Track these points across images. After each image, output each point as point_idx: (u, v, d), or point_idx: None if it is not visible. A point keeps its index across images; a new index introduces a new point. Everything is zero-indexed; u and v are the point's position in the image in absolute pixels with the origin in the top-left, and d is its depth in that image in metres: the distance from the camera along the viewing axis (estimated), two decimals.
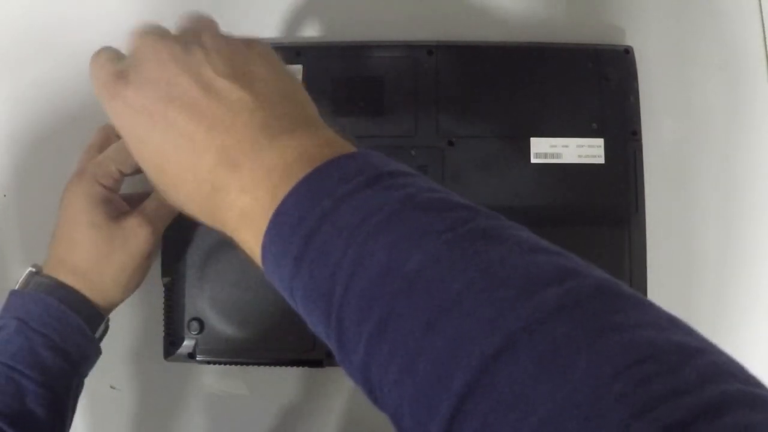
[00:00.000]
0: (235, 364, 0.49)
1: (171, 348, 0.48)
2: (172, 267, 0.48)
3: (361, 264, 0.25)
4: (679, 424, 0.18)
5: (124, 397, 0.52)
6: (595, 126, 0.49)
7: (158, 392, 0.52)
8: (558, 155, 0.49)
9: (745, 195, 0.53)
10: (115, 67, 0.34)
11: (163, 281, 0.49)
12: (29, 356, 0.40)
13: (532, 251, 0.24)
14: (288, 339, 0.48)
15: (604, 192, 0.49)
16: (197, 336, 0.48)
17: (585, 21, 0.54)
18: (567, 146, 0.49)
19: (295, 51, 0.50)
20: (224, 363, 0.49)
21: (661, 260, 0.50)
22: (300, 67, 0.50)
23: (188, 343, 0.48)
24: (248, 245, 0.30)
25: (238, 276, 0.48)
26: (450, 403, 0.22)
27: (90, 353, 0.43)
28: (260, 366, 0.49)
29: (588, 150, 0.49)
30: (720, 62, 0.54)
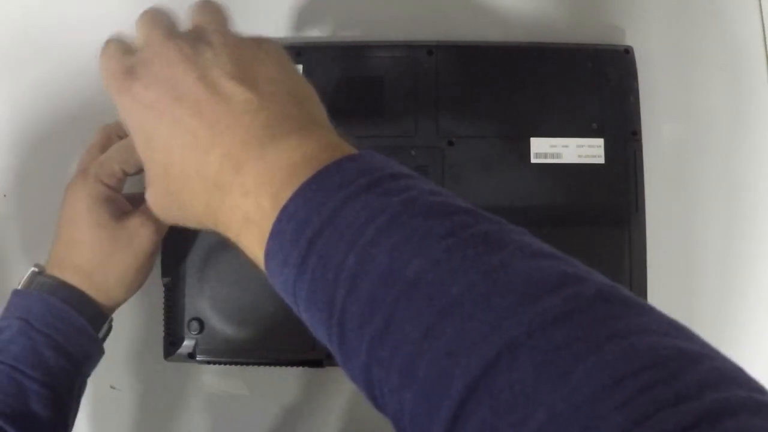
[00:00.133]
0: (235, 364, 0.49)
1: (171, 348, 0.48)
2: (172, 267, 0.48)
3: (363, 268, 0.25)
4: (680, 431, 0.18)
5: (124, 397, 0.52)
6: (595, 126, 0.49)
7: (158, 392, 0.52)
8: (558, 155, 0.49)
9: (746, 195, 0.53)
10: (125, 62, 0.34)
11: (163, 281, 0.49)
12: (32, 356, 0.40)
13: (534, 256, 0.24)
14: (288, 339, 0.48)
15: (604, 192, 0.49)
16: (197, 336, 0.48)
17: (585, 21, 0.54)
18: (567, 146, 0.49)
19: (295, 51, 0.50)
20: (224, 363, 0.49)
21: (661, 260, 0.50)
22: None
23: (188, 343, 0.48)
24: (251, 249, 0.30)
25: (238, 276, 0.48)
26: (450, 407, 0.22)
27: (93, 353, 0.43)
28: (260, 366, 0.49)
29: (588, 150, 0.49)
30: (720, 62, 0.54)
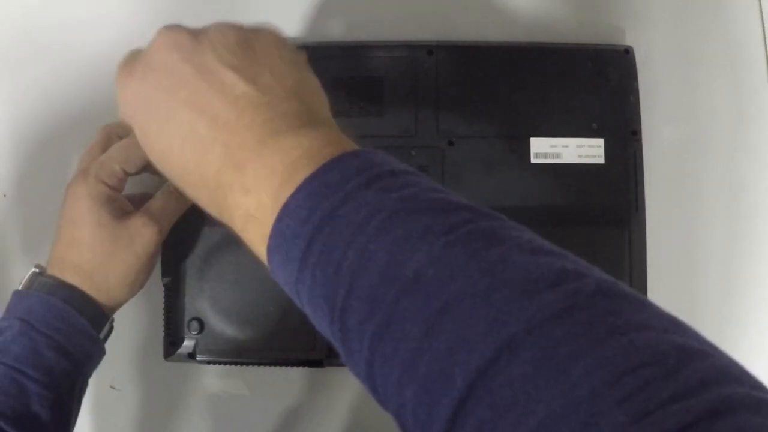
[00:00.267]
0: (235, 364, 0.49)
1: (171, 348, 0.48)
2: (172, 267, 0.48)
3: (363, 265, 0.25)
4: (679, 429, 0.18)
5: (124, 397, 0.52)
6: (595, 126, 0.49)
7: (158, 392, 0.52)
8: (558, 155, 0.49)
9: (746, 195, 0.53)
10: (129, 58, 0.34)
11: (163, 281, 0.49)
12: (33, 357, 0.39)
13: (533, 252, 0.24)
14: (288, 339, 0.48)
15: (604, 192, 0.49)
16: (197, 336, 0.48)
17: (585, 21, 0.54)
18: (567, 146, 0.49)
19: None
20: (224, 363, 0.49)
21: (661, 260, 0.50)
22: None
23: (188, 343, 0.48)
24: (254, 245, 0.30)
25: (238, 276, 0.48)
26: (451, 404, 0.22)
27: (94, 354, 0.43)
28: (260, 366, 0.49)
29: (588, 150, 0.49)
30: (720, 62, 0.54)
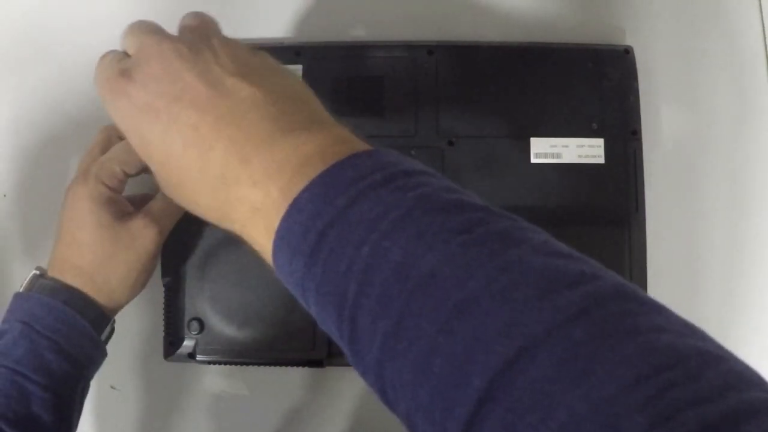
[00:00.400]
0: (235, 364, 0.49)
1: (171, 348, 0.48)
2: (172, 267, 0.48)
3: (376, 262, 0.25)
4: None
5: (124, 397, 0.52)
6: (595, 126, 0.49)
7: (158, 392, 0.52)
8: (558, 155, 0.49)
9: (746, 194, 0.53)
10: (120, 66, 0.33)
11: (163, 281, 0.49)
12: (34, 360, 0.39)
13: (550, 254, 0.24)
14: (288, 339, 0.48)
15: (604, 192, 0.49)
16: (197, 336, 0.48)
17: (585, 21, 0.54)
18: (567, 146, 0.49)
19: (295, 51, 0.50)
20: (224, 363, 0.49)
21: (661, 260, 0.50)
22: (300, 67, 0.50)
23: (188, 343, 0.48)
24: (258, 241, 0.30)
25: (238, 276, 0.48)
26: (468, 406, 0.22)
27: (95, 356, 0.43)
28: (260, 366, 0.49)
29: (588, 150, 0.49)
30: (720, 62, 0.54)
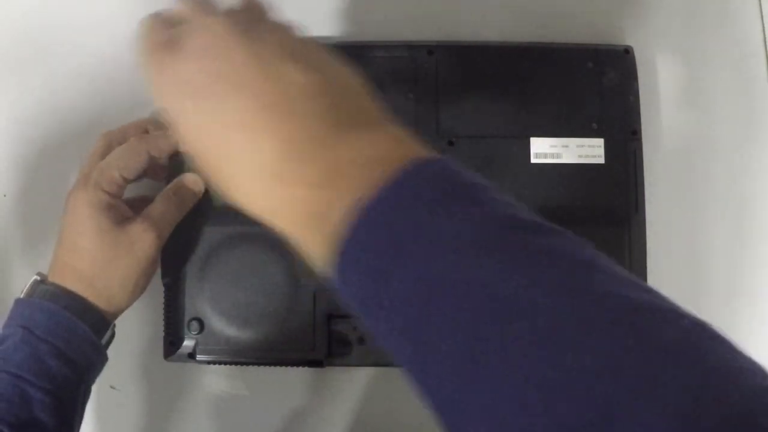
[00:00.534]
0: (235, 364, 0.49)
1: (171, 348, 0.48)
2: (172, 267, 0.48)
3: (457, 282, 0.24)
4: None
5: (124, 397, 0.52)
6: (595, 126, 0.49)
7: (158, 392, 0.52)
8: (558, 155, 0.49)
9: (746, 194, 0.53)
10: (165, 34, 0.31)
11: (163, 281, 0.49)
12: (35, 365, 0.39)
13: (627, 285, 0.24)
14: (288, 339, 0.47)
15: (604, 192, 0.49)
16: (197, 336, 0.48)
17: (585, 21, 0.54)
18: (567, 146, 0.49)
19: None
20: (224, 363, 0.49)
21: (661, 260, 0.50)
22: None
23: (188, 343, 0.48)
24: (312, 245, 0.28)
25: (238, 276, 0.48)
26: None
27: (96, 361, 0.43)
28: (260, 366, 0.49)
29: (588, 150, 0.49)
30: (720, 62, 0.54)
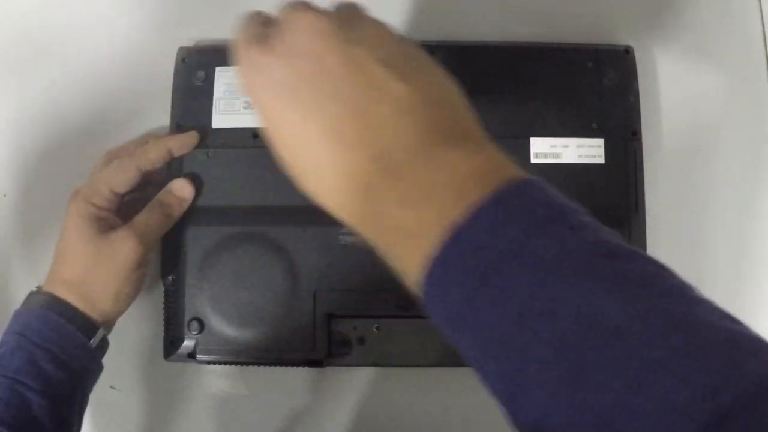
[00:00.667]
0: (235, 364, 0.49)
1: (171, 348, 0.48)
2: (172, 267, 0.48)
3: (555, 307, 0.24)
4: None
5: (124, 397, 0.52)
6: (595, 126, 0.49)
7: (158, 392, 0.52)
8: (558, 155, 0.49)
9: (747, 194, 0.53)
10: (261, 30, 0.30)
11: (163, 281, 0.49)
12: (32, 369, 0.41)
13: (724, 317, 0.24)
14: (288, 339, 0.47)
15: (604, 192, 0.49)
16: (197, 336, 0.48)
17: (585, 21, 0.54)
18: (567, 146, 0.49)
19: None
20: (224, 363, 0.49)
21: (661, 260, 0.50)
22: None
23: (188, 343, 0.48)
24: (403, 261, 0.28)
25: (238, 276, 0.48)
26: None
27: (90, 366, 0.44)
28: (260, 366, 0.49)
29: (588, 150, 0.49)
30: (720, 62, 0.54)
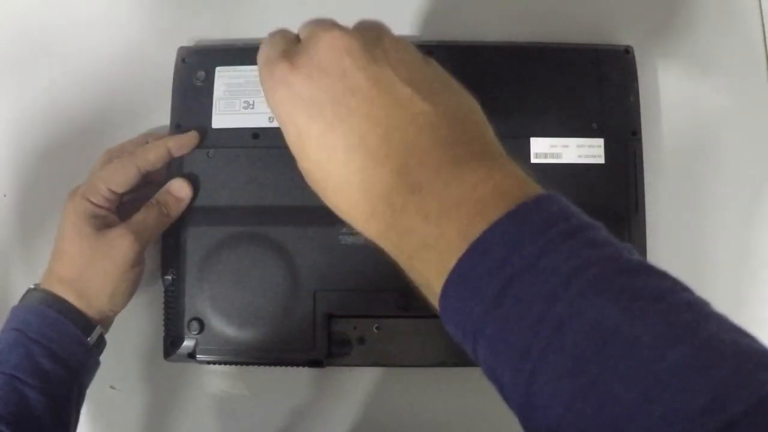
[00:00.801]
0: (235, 364, 0.49)
1: (171, 348, 0.48)
2: (172, 266, 0.48)
3: (570, 321, 0.24)
4: None
5: (124, 397, 0.52)
6: (595, 126, 0.49)
7: (158, 392, 0.52)
8: (558, 155, 0.49)
9: (747, 194, 0.53)
10: (285, 48, 0.31)
11: (163, 281, 0.49)
12: (29, 365, 0.41)
13: (736, 331, 0.24)
14: (288, 339, 0.47)
15: (604, 192, 0.49)
16: (197, 336, 0.48)
17: (585, 21, 0.54)
18: (567, 146, 0.49)
19: None
20: (224, 363, 0.49)
21: (661, 261, 0.49)
22: None
23: (188, 343, 0.48)
24: (424, 275, 0.29)
25: (238, 276, 0.48)
26: None
27: (86, 362, 0.44)
28: (260, 366, 0.49)
29: (588, 150, 0.49)
30: (720, 62, 0.54)
